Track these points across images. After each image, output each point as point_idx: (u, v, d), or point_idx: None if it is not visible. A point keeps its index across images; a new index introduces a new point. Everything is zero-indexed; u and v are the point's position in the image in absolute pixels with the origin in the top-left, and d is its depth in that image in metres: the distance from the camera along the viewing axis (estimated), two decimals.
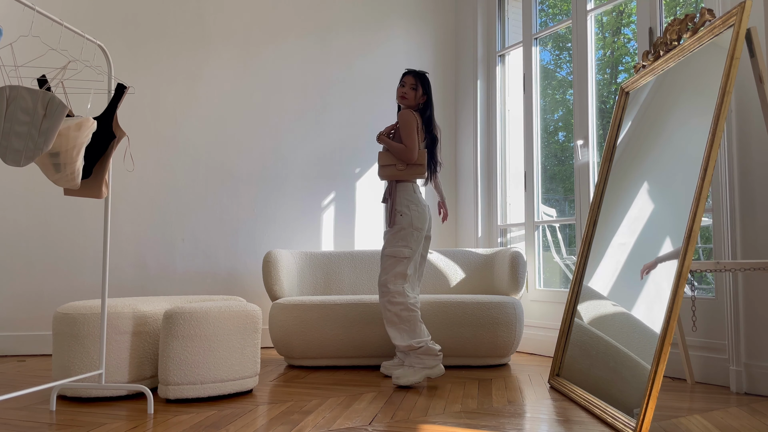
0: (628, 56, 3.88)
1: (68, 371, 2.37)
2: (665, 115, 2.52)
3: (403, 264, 2.79)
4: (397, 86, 2.96)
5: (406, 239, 2.80)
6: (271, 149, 4.12)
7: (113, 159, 2.40)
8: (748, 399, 2.41)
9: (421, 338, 2.73)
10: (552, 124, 4.14)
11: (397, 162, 2.84)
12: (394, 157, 2.85)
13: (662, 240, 2.19)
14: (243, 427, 2.00)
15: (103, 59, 3.34)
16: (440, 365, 2.72)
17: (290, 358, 3.21)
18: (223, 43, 4.08)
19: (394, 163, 2.84)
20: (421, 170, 2.86)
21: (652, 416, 1.90)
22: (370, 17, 4.36)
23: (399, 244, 2.79)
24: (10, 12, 3.63)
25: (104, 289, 2.34)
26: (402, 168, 2.83)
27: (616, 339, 2.29)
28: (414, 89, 2.90)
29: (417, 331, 2.74)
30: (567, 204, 3.97)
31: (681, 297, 1.90)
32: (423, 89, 2.92)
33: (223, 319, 2.43)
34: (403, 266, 2.79)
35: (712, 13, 2.34)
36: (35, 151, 1.84)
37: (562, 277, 4.01)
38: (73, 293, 3.72)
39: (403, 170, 2.83)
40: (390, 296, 2.76)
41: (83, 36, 2.24)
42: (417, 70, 2.98)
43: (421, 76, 2.93)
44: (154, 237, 3.89)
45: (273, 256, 3.38)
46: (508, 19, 4.22)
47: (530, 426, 2.02)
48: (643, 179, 2.52)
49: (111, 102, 2.27)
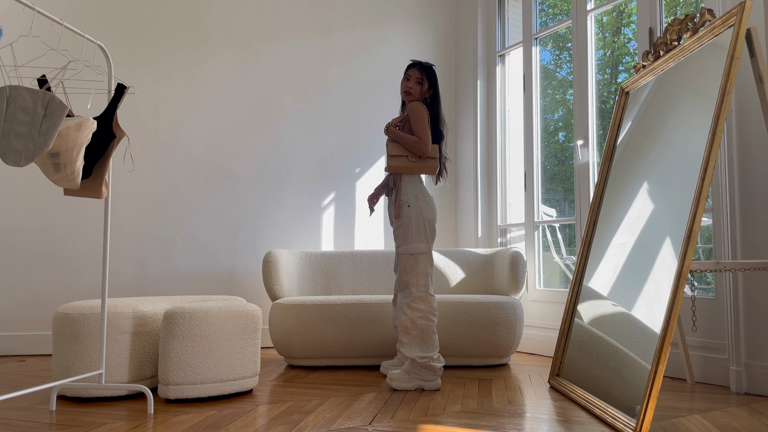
0: (628, 56, 3.88)
1: (68, 371, 2.37)
2: (665, 115, 2.52)
3: (423, 261, 2.64)
4: (402, 80, 2.79)
5: (419, 233, 2.64)
6: (271, 149, 4.12)
7: (113, 159, 2.40)
8: (748, 399, 2.41)
9: (428, 353, 2.61)
10: (552, 124, 4.14)
11: (409, 154, 2.69)
12: (405, 149, 2.69)
13: (662, 240, 2.19)
14: (243, 427, 2.00)
15: (103, 59, 3.34)
16: (438, 380, 2.62)
17: (290, 358, 3.21)
18: (223, 42, 4.08)
19: (406, 154, 2.68)
20: (434, 164, 2.71)
21: (652, 416, 1.90)
22: (370, 17, 4.36)
23: (413, 240, 2.64)
24: (10, 12, 3.63)
25: (104, 289, 2.34)
26: (414, 160, 2.68)
27: (616, 339, 2.29)
28: (419, 83, 2.74)
29: (428, 344, 2.62)
30: (567, 204, 3.97)
31: (681, 297, 1.90)
32: (429, 83, 2.76)
33: (223, 319, 2.43)
34: (423, 263, 2.65)
35: (712, 13, 2.34)
36: (35, 151, 1.84)
37: (562, 277, 4.01)
38: (73, 293, 3.72)
39: (415, 163, 2.68)
40: (410, 300, 2.64)
41: (83, 36, 2.24)
42: (423, 62, 2.80)
43: (428, 69, 2.76)
44: (154, 237, 3.89)
45: (273, 256, 3.38)
46: (508, 19, 4.22)
47: (530, 426, 2.02)
48: (643, 179, 2.52)
49: (111, 102, 2.27)
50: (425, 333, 2.63)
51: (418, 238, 2.65)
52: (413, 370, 2.63)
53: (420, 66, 2.78)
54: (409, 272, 2.65)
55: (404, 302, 2.66)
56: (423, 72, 2.76)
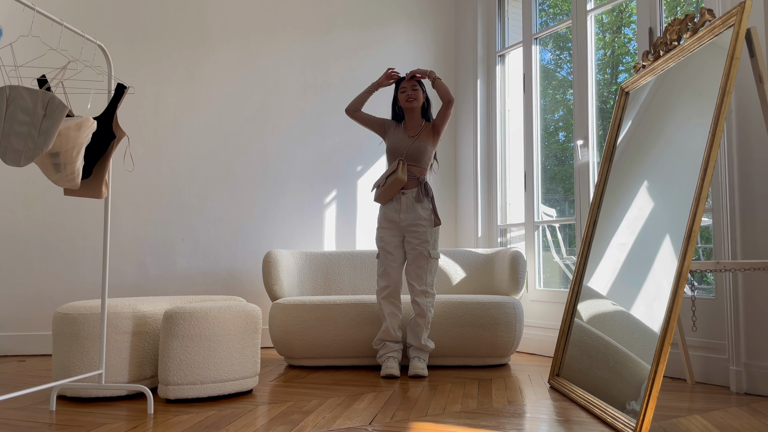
0: (628, 56, 3.88)
1: (68, 371, 2.37)
2: (665, 115, 2.52)
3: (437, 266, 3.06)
4: (397, 95, 3.11)
5: (437, 242, 3.02)
6: (271, 149, 4.12)
7: (113, 159, 2.40)
8: (748, 399, 2.41)
9: None
10: (552, 124, 4.14)
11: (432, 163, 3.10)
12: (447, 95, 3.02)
13: (662, 240, 2.19)
14: (243, 427, 2.00)
15: (103, 59, 3.33)
16: None
17: (290, 358, 3.21)
18: (223, 42, 4.08)
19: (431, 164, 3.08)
20: None
21: (652, 416, 1.90)
22: (370, 17, 4.36)
23: (437, 247, 3.00)
24: (10, 12, 3.63)
25: (104, 289, 2.34)
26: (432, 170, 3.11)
27: (616, 339, 2.29)
28: (416, 89, 3.07)
29: None
30: (567, 204, 3.97)
31: (681, 297, 1.90)
32: (422, 88, 3.11)
33: (223, 319, 2.43)
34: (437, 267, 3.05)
35: (712, 13, 2.34)
36: (35, 151, 1.84)
37: (562, 277, 4.01)
38: (73, 293, 3.72)
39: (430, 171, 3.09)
40: (432, 299, 2.96)
41: (83, 36, 2.24)
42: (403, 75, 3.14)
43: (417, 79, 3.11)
44: (154, 237, 3.89)
45: (273, 256, 3.38)
46: (508, 19, 4.22)
47: (530, 426, 2.02)
48: (643, 179, 2.52)
49: (111, 102, 2.27)
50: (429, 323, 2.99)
51: (437, 246, 3.01)
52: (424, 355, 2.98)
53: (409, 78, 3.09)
54: (433, 274, 2.98)
55: (427, 301, 2.94)
56: (413, 80, 3.08)
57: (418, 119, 3.10)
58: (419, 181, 2.99)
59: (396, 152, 3.02)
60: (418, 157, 3.00)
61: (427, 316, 2.92)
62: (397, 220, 2.99)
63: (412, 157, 2.99)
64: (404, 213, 2.98)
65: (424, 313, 2.91)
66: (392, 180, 2.95)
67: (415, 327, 2.94)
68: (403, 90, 3.06)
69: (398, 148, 3.02)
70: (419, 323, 2.92)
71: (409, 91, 3.05)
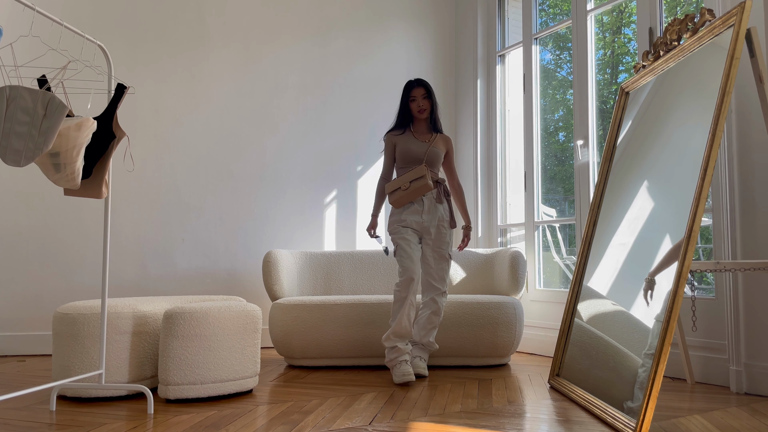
0: (628, 56, 3.88)
1: (68, 371, 2.37)
2: (665, 115, 2.52)
3: None
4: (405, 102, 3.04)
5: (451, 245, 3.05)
6: (271, 149, 4.12)
7: (113, 159, 2.40)
8: (748, 399, 2.41)
9: None
10: (552, 124, 4.14)
11: None
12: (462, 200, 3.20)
13: (662, 240, 2.19)
14: (243, 427, 2.00)
15: (103, 59, 3.33)
16: None
17: (290, 358, 3.21)
18: (223, 43, 4.08)
19: None
20: None
21: (652, 416, 1.90)
22: (370, 17, 4.36)
23: (451, 249, 3.03)
24: (10, 12, 3.63)
25: (104, 289, 2.34)
26: None
27: (616, 339, 2.29)
28: (426, 98, 3.03)
29: None
30: (567, 204, 3.97)
31: (681, 297, 1.90)
32: (431, 95, 3.05)
33: (223, 319, 2.43)
34: None
35: (712, 13, 2.34)
36: (35, 151, 1.84)
37: (562, 277, 4.00)
38: (73, 293, 3.72)
39: None
40: (445, 299, 2.99)
41: (83, 36, 2.24)
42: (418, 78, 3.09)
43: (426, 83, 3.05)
44: (154, 237, 3.89)
45: (273, 256, 3.38)
46: (508, 19, 4.22)
47: (530, 426, 2.02)
48: (643, 179, 2.52)
49: (111, 102, 2.27)
50: None
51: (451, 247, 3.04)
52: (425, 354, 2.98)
53: (419, 82, 3.04)
54: (447, 275, 3.01)
55: (443, 300, 2.97)
56: (424, 87, 3.04)
57: (426, 126, 3.11)
58: (438, 183, 3.03)
59: (413, 157, 3.00)
60: (434, 162, 3.03)
61: (441, 315, 2.97)
62: (420, 221, 2.97)
63: (430, 162, 3.02)
64: (426, 214, 2.98)
65: (440, 311, 2.95)
66: (418, 185, 2.92)
67: (427, 324, 2.93)
68: (413, 99, 3.03)
69: (416, 154, 3.00)
70: (434, 321, 2.94)
71: (420, 101, 3.02)
